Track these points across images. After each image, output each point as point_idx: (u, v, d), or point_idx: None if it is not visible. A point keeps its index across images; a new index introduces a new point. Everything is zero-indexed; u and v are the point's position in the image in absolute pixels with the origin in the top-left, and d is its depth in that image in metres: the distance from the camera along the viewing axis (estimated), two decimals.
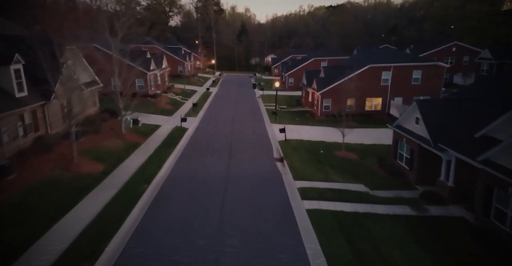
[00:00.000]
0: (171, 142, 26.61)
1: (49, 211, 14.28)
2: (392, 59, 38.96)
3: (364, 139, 29.51)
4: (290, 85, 69.13)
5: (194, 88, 60.77)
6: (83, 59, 27.99)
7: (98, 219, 14.10)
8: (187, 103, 45.68)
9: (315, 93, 41.64)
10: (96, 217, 14.25)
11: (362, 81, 37.63)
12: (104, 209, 15.02)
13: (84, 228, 13.22)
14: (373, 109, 39.92)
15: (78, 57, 26.33)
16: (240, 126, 33.25)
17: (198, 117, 37.55)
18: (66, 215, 14.20)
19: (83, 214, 14.41)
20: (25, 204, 14.57)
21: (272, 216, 14.80)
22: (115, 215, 14.43)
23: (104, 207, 15.20)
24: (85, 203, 15.49)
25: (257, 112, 41.31)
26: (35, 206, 14.51)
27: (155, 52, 67.21)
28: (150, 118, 33.53)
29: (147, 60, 43.15)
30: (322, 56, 69.53)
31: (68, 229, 13.10)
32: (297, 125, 34.68)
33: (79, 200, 15.64)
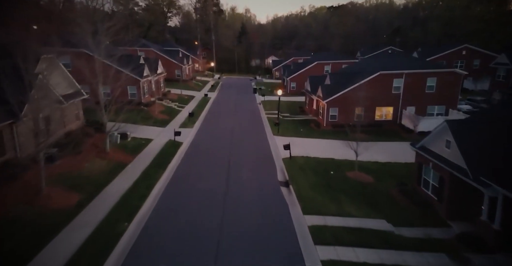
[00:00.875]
0: (162, 161, 23.68)
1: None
2: (405, 66, 36.03)
3: (377, 155, 26.57)
4: (292, 89, 66.24)
5: (191, 93, 57.87)
6: (63, 68, 25.01)
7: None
8: (184, 112, 42.72)
9: (320, 101, 38.72)
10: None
11: (372, 89, 34.79)
12: (70, 261, 12.09)
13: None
14: (383, 119, 36.98)
15: (56, 67, 23.41)
16: (240, 140, 30.31)
17: (194, 128, 34.62)
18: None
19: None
20: None
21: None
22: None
23: (71, 258, 12.28)
24: (47, 252, 12.56)
25: (258, 122, 38.38)
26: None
27: (150, 56, 64.47)
28: (141, 131, 30.63)
29: (140, 66, 40.25)
30: (326, 60, 66.65)
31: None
32: (302, 138, 31.74)
33: (41, 247, 12.72)
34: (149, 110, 38.48)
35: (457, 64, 61.89)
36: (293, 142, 29.77)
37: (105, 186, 18.64)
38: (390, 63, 37.18)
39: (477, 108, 41.35)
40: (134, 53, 63.42)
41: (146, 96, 41.07)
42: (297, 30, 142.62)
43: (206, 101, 51.89)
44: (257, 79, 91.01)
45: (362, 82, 35.82)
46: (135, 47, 65.04)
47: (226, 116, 41.01)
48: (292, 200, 18.00)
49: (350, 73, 39.52)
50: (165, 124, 35.28)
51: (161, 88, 49.73)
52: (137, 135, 29.01)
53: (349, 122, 37.47)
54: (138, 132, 29.74)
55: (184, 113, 41.62)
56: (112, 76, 36.49)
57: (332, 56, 69.95)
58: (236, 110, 45.92)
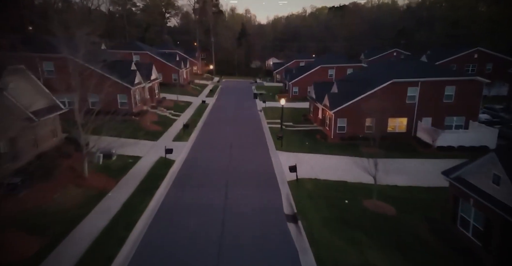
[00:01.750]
0: (149, 186, 20.49)
1: None
2: (420, 73, 32.84)
3: (395, 177, 23.35)
4: (295, 94, 63.12)
5: (188, 99, 54.70)
6: (35, 79, 21.82)
7: None
8: (179, 121, 39.52)
9: (327, 111, 35.54)
10: None
11: (384, 99, 31.54)
12: None
13: None
14: (396, 131, 33.78)
15: (27, 78, 20.25)
16: (240, 157, 27.08)
17: (189, 142, 31.40)
18: None
19: None
20: None
21: None
22: None
23: None
24: None
25: (260, 134, 35.15)
26: None
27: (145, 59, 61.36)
28: (129, 146, 27.44)
29: (131, 72, 37.06)
30: (330, 63, 63.47)
31: None
32: (308, 154, 28.52)
33: None
34: (141, 121, 35.29)
35: (469, 68, 58.80)
36: (298, 159, 26.63)
37: (75, 225, 15.44)
38: (404, 70, 33.98)
39: (496, 118, 38.19)
40: (128, 56, 60.42)
41: (138, 105, 37.88)
42: (298, 31, 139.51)
43: (204, 108, 48.70)
44: (257, 82, 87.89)
45: (373, 91, 32.64)
46: (129, 51, 61.95)
47: (225, 127, 37.79)
48: (302, 245, 14.79)
49: (359, 81, 36.32)
50: (158, 137, 32.09)
51: (156, 95, 46.56)
52: (124, 152, 25.81)
53: (359, 134, 34.42)
54: (125, 148, 26.52)
55: (179, 123, 38.42)
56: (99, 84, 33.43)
57: (336, 59, 66.79)
58: (236, 118, 42.71)
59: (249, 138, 33.15)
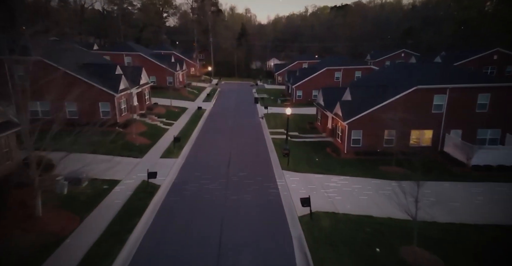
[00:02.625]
0: (121, 226, 15.99)
1: None
2: (448, 78, 28.39)
3: (431, 208, 18.80)
4: (298, 98, 58.72)
5: (184, 104, 50.25)
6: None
7: None
8: (171, 131, 35.06)
9: (338, 121, 31.08)
10: None
11: (406, 108, 27.22)
12: None
13: None
14: (420, 145, 29.32)
15: None
16: (239, 182, 22.50)
17: (180, 158, 26.90)
18: None
19: None
20: None
21: None
22: None
23: None
24: None
25: (262, 147, 30.64)
26: None
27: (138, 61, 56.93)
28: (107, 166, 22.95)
29: (116, 77, 32.59)
30: (336, 65, 59.00)
31: None
32: (320, 175, 23.99)
33: None
34: (126, 133, 30.79)
35: (488, 70, 54.39)
36: (309, 182, 22.17)
37: None
38: (429, 75, 29.50)
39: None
40: (119, 58, 56.08)
41: (123, 114, 33.39)
42: (299, 31, 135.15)
43: (200, 116, 44.20)
44: (258, 85, 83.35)
45: (394, 99, 28.22)
46: (119, 52, 57.53)
47: (222, 139, 33.29)
48: None
49: (375, 87, 31.86)
50: (144, 153, 27.59)
51: (146, 101, 42.06)
52: (99, 175, 21.32)
53: (376, 149, 29.96)
54: (101, 170, 22.08)
55: (170, 134, 33.95)
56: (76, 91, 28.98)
57: (343, 61, 62.30)
58: (235, 128, 38.20)
59: (250, 153, 28.63)
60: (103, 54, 57.26)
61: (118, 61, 56.88)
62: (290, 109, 30.01)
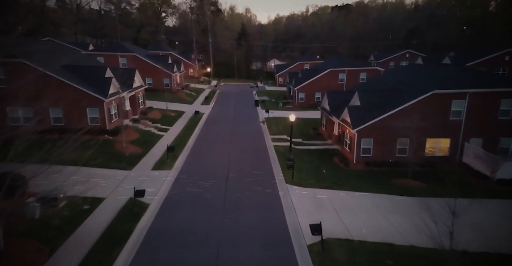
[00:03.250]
0: (99, 262, 13.51)
1: None
2: (467, 82, 25.95)
3: (460, 234, 16.41)
4: (300, 101, 56.31)
5: (181, 108, 47.82)
6: None
7: None
8: (166, 138, 32.62)
9: (346, 129, 28.64)
10: None
11: (422, 114, 24.76)
12: None
13: None
14: (436, 154, 26.86)
15: None
16: (238, 198, 20.06)
17: (173, 170, 24.43)
18: None
19: None
20: None
21: None
22: None
23: None
24: None
25: (264, 157, 28.14)
26: None
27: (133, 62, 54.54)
28: (92, 180, 20.61)
29: (105, 80, 30.13)
30: (340, 67, 56.54)
31: None
32: (329, 190, 21.52)
33: None
34: (116, 141, 28.35)
35: (499, 72, 51.95)
36: (318, 199, 19.73)
37: None
38: (446, 78, 27.05)
39: None
40: (114, 59, 53.66)
41: (114, 120, 30.93)
42: (300, 31, 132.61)
43: (197, 120, 41.74)
44: (258, 86, 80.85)
45: (408, 105, 25.77)
46: (114, 53, 55.09)
47: (220, 147, 30.82)
48: None
49: (387, 91, 29.41)
50: (134, 164, 25.13)
51: (140, 105, 39.59)
52: (80, 192, 18.82)
53: (388, 159, 27.52)
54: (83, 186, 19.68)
55: (165, 141, 31.56)
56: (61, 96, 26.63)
57: (347, 62, 59.85)
58: (234, 134, 35.74)
59: (251, 165, 26.14)
60: (96, 55, 54.84)
61: (112, 62, 54.46)
62: (294, 115, 27.49)
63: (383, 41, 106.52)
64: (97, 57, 54.71)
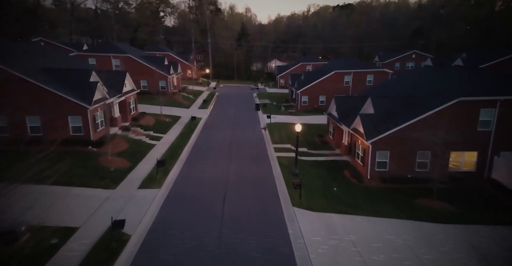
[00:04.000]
0: None
1: None
2: (497, 88, 22.93)
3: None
4: (304, 105, 53.36)
5: (176, 113, 44.80)
6: None
7: None
8: (157, 149, 29.60)
9: (359, 139, 25.63)
10: None
11: (444, 124, 21.76)
12: None
13: None
14: (461, 169, 23.85)
15: None
16: (237, 227, 17.05)
17: (162, 189, 21.37)
18: None
19: None
20: None
21: None
22: None
23: None
24: None
25: (266, 172, 25.02)
26: None
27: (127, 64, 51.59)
28: (67, 202, 17.70)
29: (90, 85, 27.10)
30: (345, 68, 53.54)
31: None
32: (344, 215, 18.45)
33: None
34: (101, 153, 25.34)
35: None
36: (331, 228, 16.68)
37: None
38: (471, 84, 24.03)
39: None
40: (106, 60, 50.69)
41: (99, 129, 27.91)
42: (301, 31, 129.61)
43: (194, 127, 38.72)
44: (259, 88, 77.78)
45: (430, 114, 22.75)
46: (106, 53, 52.10)
47: (217, 159, 27.77)
48: None
49: (404, 98, 26.40)
50: (118, 181, 22.07)
51: (131, 111, 36.55)
52: (50, 220, 15.86)
53: (407, 174, 24.53)
54: (56, 210, 16.78)
55: (157, 151, 28.62)
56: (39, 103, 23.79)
57: (352, 63, 56.84)
58: (233, 143, 32.72)
59: (251, 182, 23.08)
60: (88, 56, 51.89)
61: (104, 64, 51.51)
62: (300, 125, 24.44)
63: (387, 41, 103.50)
64: (88, 59, 51.84)
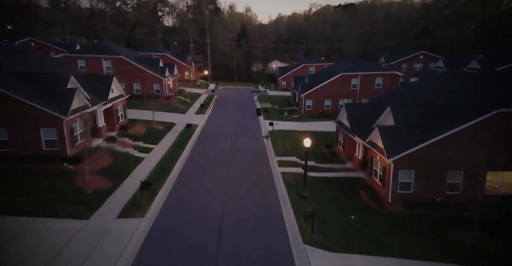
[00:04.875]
0: None
1: None
2: None
3: None
4: (308, 109, 49.98)
5: (171, 119, 41.28)
6: None
7: None
8: (146, 163, 26.09)
9: (377, 155, 22.12)
10: None
11: (480, 140, 18.23)
12: None
13: None
14: (500, 192, 20.34)
15: None
16: None
17: (146, 218, 17.78)
18: None
19: None
20: None
21: None
22: None
23: None
24: None
25: (270, 194, 21.46)
26: None
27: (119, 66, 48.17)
28: (20, 241, 14.20)
29: (67, 93, 23.57)
30: (352, 70, 50.04)
31: None
32: (368, 257, 14.97)
33: None
34: (78, 172, 21.83)
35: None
36: None
37: None
38: (506, 91, 20.53)
39: None
40: (96, 62, 47.36)
41: (78, 142, 24.39)
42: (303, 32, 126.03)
43: (189, 136, 35.20)
44: (259, 91, 74.20)
45: (463, 128, 19.26)
46: (97, 55, 48.69)
47: (213, 176, 24.24)
48: None
49: (429, 108, 22.88)
50: (94, 208, 18.47)
51: (119, 119, 33.05)
52: None
53: (435, 197, 21.07)
54: (6, 252, 13.32)
55: (145, 166, 25.17)
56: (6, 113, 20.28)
57: (360, 65, 53.32)
58: (232, 156, 29.20)
59: (253, 206, 19.58)
60: (76, 58, 48.46)
61: (94, 67, 48.10)
62: (309, 139, 20.92)
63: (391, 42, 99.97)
64: (77, 60, 48.44)
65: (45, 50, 65.38)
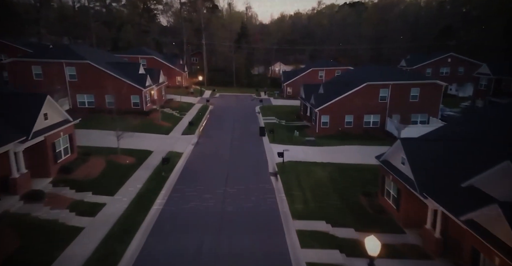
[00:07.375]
0: None
1: None
2: None
3: None
4: (324, 127, 39.81)
5: (146, 145, 30.94)
6: None
7: None
8: (75, 247, 15.71)
9: (495, 254, 11.74)
10: None
11: None
12: None
13: None
14: None
15: None
16: None
17: None
18: None
19: None
20: None
21: None
22: None
23: None
24: None
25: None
26: None
27: (86, 74, 37.92)
28: None
29: None
30: (381, 79, 39.65)
31: None
32: None
33: None
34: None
35: None
36: None
37: None
38: None
39: None
40: (56, 68, 37.29)
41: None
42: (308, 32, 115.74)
43: (165, 177, 24.66)
44: (262, 100, 63.36)
45: None
46: (58, 60, 38.38)
47: (206, 232, 13.89)
48: None
49: None
50: None
51: (58, 157, 22.52)
52: None
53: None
54: None
55: (78, 251, 14.80)
56: None
57: (390, 72, 43.05)
58: (224, 227, 18.77)
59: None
60: (31, 63, 38.14)
61: (54, 74, 37.87)
62: (378, 242, 10.48)
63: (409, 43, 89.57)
64: (31, 66, 38.13)
65: (10, 52, 54.89)
